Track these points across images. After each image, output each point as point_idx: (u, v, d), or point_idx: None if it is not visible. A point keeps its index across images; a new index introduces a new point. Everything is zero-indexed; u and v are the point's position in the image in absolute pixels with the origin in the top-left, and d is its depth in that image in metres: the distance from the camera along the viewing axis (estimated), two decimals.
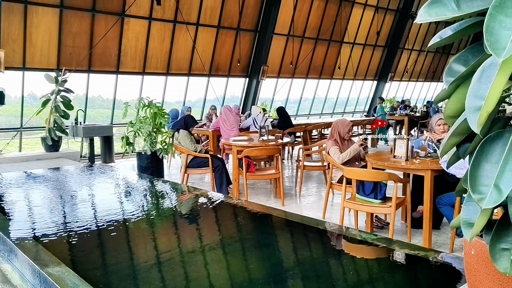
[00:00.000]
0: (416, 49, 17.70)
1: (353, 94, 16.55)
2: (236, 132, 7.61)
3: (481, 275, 1.52)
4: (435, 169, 3.74)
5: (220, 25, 11.43)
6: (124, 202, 4.50)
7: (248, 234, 3.27)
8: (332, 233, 3.52)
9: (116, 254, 2.84)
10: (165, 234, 3.40)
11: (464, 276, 2.61)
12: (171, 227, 3.65)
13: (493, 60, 1.25)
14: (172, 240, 3.22)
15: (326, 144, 4.86)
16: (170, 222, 3.81)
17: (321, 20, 13.67)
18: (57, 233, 3.07)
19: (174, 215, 4.00)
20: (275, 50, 12.86)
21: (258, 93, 12.77)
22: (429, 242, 3.87)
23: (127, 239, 3.22)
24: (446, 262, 3.08)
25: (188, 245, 2.98)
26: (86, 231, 3.15)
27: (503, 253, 1.35)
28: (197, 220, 3.82)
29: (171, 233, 3.44)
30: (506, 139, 1.28)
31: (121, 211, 3.96)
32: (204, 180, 7.34)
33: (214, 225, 3.68)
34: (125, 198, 4.73)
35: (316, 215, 5.02)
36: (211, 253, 2.86)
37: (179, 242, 3.16)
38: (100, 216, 3.68)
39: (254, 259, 2.74)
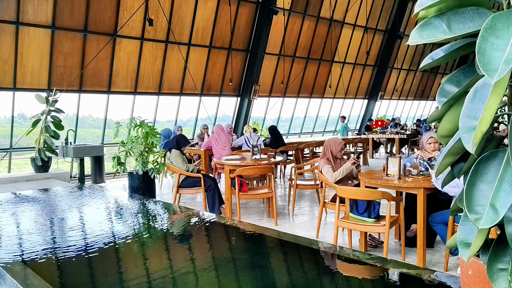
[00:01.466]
0: (405, 68, 17.99)
1: (344, 113, 16.69)
2: (228, 151, 7.60)
3: None
4: (427, 187, 3.75)
5: (212, 45, 11.53)
6: (115, 223, 4.43)
7: (242, 255, 3.23)
8: (327, 253, 3.49)
9: (107, 277, 2.78)
10: (157, 256, 3.34)
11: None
12: (163, 249, 3.59)
13: (486, 80, 1.27)
14: (164, 262, 3.17)
15: (318, 162, 4.86)
16: (162, 243, 3.76)
17: (312, 40, 13.86)
18: (46, 256, 3.01)
19: (166, 236, 3.95)
20: (267, 70, 12.99)
21: (249, 112, 12.82)
22: (424, 261, 3.85)
23: (118, 262, 3.16)
24: (442, 282, 3.06)
25: (181, 267, 2.93)
26: (76, 254, 3.09)
27: (500, 273, 1.34)
28: (189, 241, 3.77)
29: (163, 255, 3.38)
30: (500, 158, 1.28)
31: (112, 233, 3.90)
32: (196, 200, 7.28)
33: (207, 246, 3.64)
34: (116, 219, 4.66)
35: (310, 234, 4.98)
36: (204, 275, 2.81)
37: (171, 264, 3.11)
38: (90, 238, 3.62)
39: (248, 281, 2.70)
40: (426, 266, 3.91)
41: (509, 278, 1.34)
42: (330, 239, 4.80)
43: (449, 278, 3.31)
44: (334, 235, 4.04)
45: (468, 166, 1.40)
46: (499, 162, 1.28)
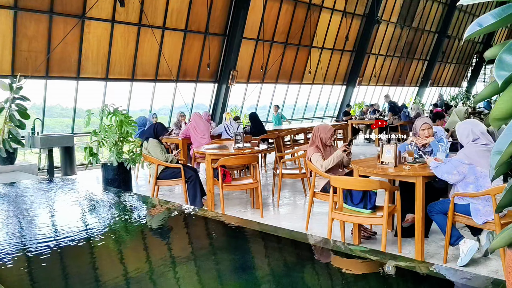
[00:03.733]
0: (382, 54, 17.93)
1: (322, 99, 16.54)
2: (208, 140, 7.26)
3: None
4: (426, 175, 3.54)
5: (187, 29, 11.05)
6: (88, 219, 4.05)
7: (230, 252, 2.93)
8: (324, 248, 3.24)
9: (78, 278, 2.43)
10: (135, 255, 3.00)
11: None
12: (142, 247, 3.25)
13: None
14: (143, 260, 2.83)
15: (307, 150, 4.59)
16: (141, 240, 3.41)
17: (290, 25, 13.54)
18: (11, 257, 2.64)
19: (145, 232, 3.60)
20: (244, 55, 12.60)
21: (227, 99, 12.44)
22: (422, 253, 3.66)
23: (91, 261, 2.81)
24: (444, 276, 2.85)
25: (161, 266, 2.60)
26: (45, 253, 2.72)
27: None
28: (170, 237, 3.44)
29: (141, 253, 3.04)
30: None
31: (84, 229, 3.52)
32: (174, 191, 6.93)
33: (191, 243, 3.32)
34: (90, 214, 4.27)
35: (298, 226, 4.74)
36: (187, 275, 2.50)
37: (150, 263, 2.78)
38: (61, 235, 3.24)
39: (237, 280, 2.40)
40: (424, 258, 3.72)
41: None
42: (319, 230, 4.57)
43: (450, 271, 3.11)
44: (328, 228, 3.80)
45: None
46: None
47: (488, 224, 3.34)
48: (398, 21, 17.88)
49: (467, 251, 3.45)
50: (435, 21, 20.07)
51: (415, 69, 20.54)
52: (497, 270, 3.40)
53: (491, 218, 3.31)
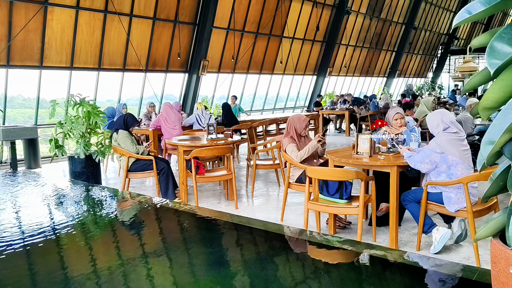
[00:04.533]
0: (352, 44, 18.10)
1: (293, 90, 16.57)
2: (179, 131, 7.11)
3: None
4: (400, 165, 3.57)
5: (156, 17, 10.75)
6: (55, 214, 3.87)
7: (207, 246, 2.86)
8: (302, 239, 3.21)
9: (44, 275, 2.31)
10: (106, 250, 2.88)
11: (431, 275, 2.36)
12: (113, 241, 3.13)
13: None
14: (114, 256, 2.72)
15: (282, 141, 4.55)
16: (111, 235, 3.28)
17: (261, 14, 13.42)
18: None
19: (115, 226, 3.47)
20: (215, 45, 12.41)
21: (198, 89, 12.25)
22: (396, 241, 3.70)
23: (58, 258, 2.68)
24: (417, 263, 2.89)
25: (134, 262, 2.51)
26: (8, 250, 2.57)
27: None
28: (144, 231, 3.34)
29: (112, 248, 2.92)
30: None
31: (51, 225, 3.36)
32: (145, 183, 6.76)
33: (167, 237, 3.22)
34: (57, 209, 4.09)
35: (272, 217, 4.72)
36: (161, 270, 2.41)
37: (122, 258, 2.67)
38: (26, 232, 3.08)
39: (215, 274, 2.34)
40: (398, 247, 3.77)
41: None
42: (294, 221, 4.55)
43: (424, 259, 3.16)
44: (304, 219, 3.78)
45: None
46: None
47: (460, 212, 3.40)
48: (367, 12, 18.07)
49: (440, 239, 3.51)
50: (402, 13, 20.42)
51: (383, 60, 20.88)
52: (468, 257, 3.48)
53: (463, 206, 3.37)
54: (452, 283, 2.33)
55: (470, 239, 3.64)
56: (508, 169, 1.32)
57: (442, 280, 2.42)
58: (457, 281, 2.09)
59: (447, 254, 3.58)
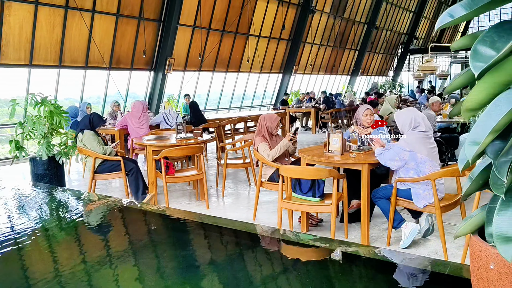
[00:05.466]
0: (316, 43, 18.33)
1: (260, 88, 16.60)
2: (146, 130, 6.97)
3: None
4: (371, 162, 3.65)
5: (119, 13, 10.47)
6: (15, 219, 3.69)
7: (180, 248, 2.81)
8: (278, 239, 3.22)
9: (3, 285, 2.19)
10: (72, 256, 2.77)
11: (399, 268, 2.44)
12: (80, 247, 3.02)
13: None
14: (81, 262, 2.62)
15: (254, 140, 4.55)
16: (79, 240, 3.17)
17: (227, 12, 13.35)
18: None
19: (83, 230, 3.35)
20: (181, 42, 12.24)
21: (164, 87, 12.04)
22: (367, 237, 3.79)
23: (20, 265, 2.55)
24: (389, 258, 2.95)
25: (103, 268, 2.42)
26: None
27: None
28: (115, 235, 3.23)
29: (79, 254, 2.81)
30: None
31: (11, 231, 3.19)
32: (112, 185, 6.59)
33: (139, 240, 3.14)
34: (18, 214, 3.91)
35: (244, 217, 4.72)
36: (132, 276, 2.35)
37: (90, 265, 2.58)
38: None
39: (188, 277, 2.30)
40: (369, 242, 3.86)
41: None
42: (266, 220, 4.57)
43: (394, 253, 3.25)
44: (278, 217, 3.80)
45: None
46: None
47: (428, 207, 3.52)
48: (331, 11, 18.35)
49: (409, 234, 3.62)
50: (364, 12, 20.89)
51: (347, 58, 21.29)
52: (436, 251, 3.61)
53: (431, 201, 3.49)
54: (425, 277, 2.39)
55: (437, 233, 3.77)
56: (487, 168, 1.36)
57: (415, 274, 2.49)
58: (431, 276, 2.15)
59: (416, 248, 3.70)
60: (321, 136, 11.94)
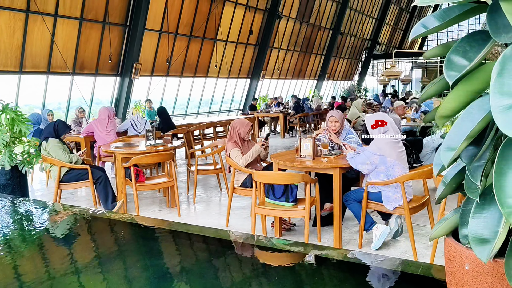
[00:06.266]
0: (283, 48, 18.52)
1: (228, 92, 16.59)
2: (113, 137, 6.82)
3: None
4: (343, 166, 3.72)
5: (83, 17, 10.21)
6: None
7: (154, 258, 2.76)
8: (254, 245, 3.22)
9: None
10: (38, 270, 2.66)
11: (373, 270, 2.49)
12: (48, 260, 2.91)
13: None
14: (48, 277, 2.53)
15: (226, 146, 4.54)
16: (46, 253, 3.05)
17: (194, 17, 13.29)
18: None
19: (50, 243, 3.23)
20: (148, 47, 12.07)
21: (131, 93, 11.83)
22: (340, 240, 3.85)
23: None
24: (361, 260, 3.00)
25: (71, 281, 2.34)
26: None
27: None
28: (84, 247, 3.14)
29: (46, 268, 2.71)
30: None
31: None
32: (77, 194, 6.39)
33: (111, 251, 3.06)
34: None
35: (216, 223, 4.69)
36: None
37: (59, 278, 2.49)
38: None
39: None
40: (342, 245, 3.92)
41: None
42: (239, 226, 4.56)
43: (366, 255, 3.31)
44: (252, 223, 3.80)
45: (483, 152, 1.21)
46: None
47: (397, 209, 3.61)
48: (297, 17, 18.61)
49: (380, 235, 3.70)
50: (329, 18, 21.31)
51: (313, 63, 21.63)
52: (406, 251, 3.71)
53: (400, 203, 3.59)
54: (399, 278, 2.45)
55: (406, 234, 3.87)
56: (460, 172, 1.41)
57: (387, 276, 2.55)
58: (404, 276, 2.21)
59: (386, 250, 3.79)
60: (289, 140, 12.05)
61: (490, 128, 1.23)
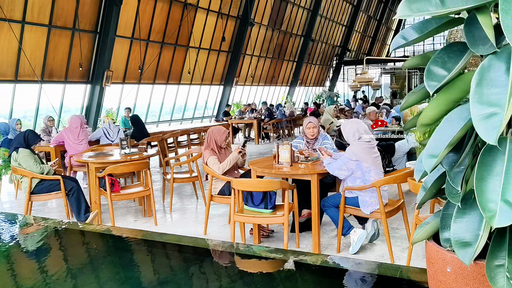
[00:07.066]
0: (256, 54, 18.63)
1: (201, 99, 16.53)
2: (85, 146, 6.67)
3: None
4: (320, 172, 3.76)
5: (52, 24, 9.97)
6: None
7: (134, 270, 2.70)
8: (232, 252, 3.21)
9: None
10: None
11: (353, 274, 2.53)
12: (15, 278, 2.81)
13: (491, 61, 1.13)
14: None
15: (203, 154, 4.52)
16: (18, 269, 2.95)
17: (166, 24, 13.20)
18: None
19: (22, 258, 3.12)
20: (119, 54, 11.90)
21: (102, 101, 11.61)
22: (319, 246, 3.88)
23: None
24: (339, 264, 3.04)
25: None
26: None
27: (498, 270, 1.24)
28: (58, 261, 3.05)
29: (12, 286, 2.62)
30: (504, 147, 1.17)
31: None
32: (48, 206, 6.20)
33: (86, 264, 2.98)
34: None
35: (193, 231, 4.65)
36: None
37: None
38: None
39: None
40: (320, 250, 3.96)
41: (507, 274, 1.24)
42: (217, 234, 4.53)
43: (344, 260, 3.36)
44: (231, 231, 3.79)
45: (463, 158, 1.26)
46: (503, 151, 1.16)
47: (374, 213, 3.69)
48: (269, 24, 18.78)
49: (357, 240, 3.77)
50: (301, 25, 21.61)
51: (285, 69, 21.84)
52: (383, 255, 3.78)
53: (376, 207, 3.66)
54: (378, 281, 2.50)
55: (382, 237, 3.95)
56: (440, 178, 1.46)
57: (366, 279, 2.59)
58: (383, 279, 2.26)
59: (363, 254, 3.85)
60: (264, 147, 12.10)
61: (469, 135, 1.28)
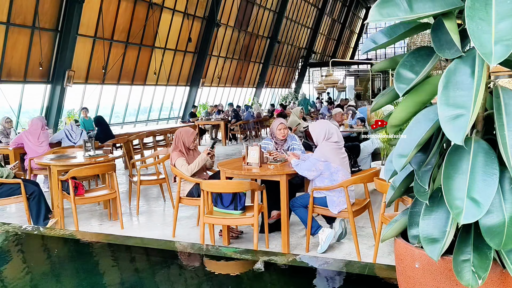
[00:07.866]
0: (222, 55, 18.58)
1: (167, 100, 16.31)
2: (46, 148, 6.44)
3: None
4: (289, 173, 3.80)
5: (10, 22, 9.57)
6: None
7: (99, 275, 2.63)
8: (203, 255, 3.18)
9: None
10: None
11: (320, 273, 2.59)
12: None
13: (457, 65, 1.19)
14: None
15: (171, 155, 4.46)
16: None
17: (130, 23, 12.95)
18: None
19: None
20: (81, 53, 11.56)
21: (63, 101, 11.23)
22: (288, 246, 3.92)
23: None
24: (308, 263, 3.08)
25: None
26: None
27: (464, 265, 1.30)
28: (17, 271, 2.93)
29: None
30: (469, 146, 1.22)
31: None
32: (6, 210, 5.94)
33: (48, 272, 2.87)
34: None
35: (161, 234, 4.59)
36: None
37: None
38: None
39: None
40: (289, 250, 3.99)
41: (472, 268, 1.30)
42: (186, 236, 4.49)
43: (313, 259, 3.41)
44: (200, 232, 3.76)
45: (432, 158, 1.31)
46: (468, 151, 1.22)
47: (342, 213, 3.76)
48: (235, 25, 18.78)
49: (326, 239, 3.83)
50: (267, 27, 21.74)
51: (252, 71, 21.91)
52: (350, 252, 3.86)
53: (344, 207, 3.74)
54: (347, 279, 2.55)
55: (349, 235, 4.04)
56: (408, 177, 1.50)
57: (335, 277, 2.64)
58: (352, 277, 2.31)
59: (331, 252, 3.92)
60: (231, 148, 12.09)
61: (436, 136, 1.34)
